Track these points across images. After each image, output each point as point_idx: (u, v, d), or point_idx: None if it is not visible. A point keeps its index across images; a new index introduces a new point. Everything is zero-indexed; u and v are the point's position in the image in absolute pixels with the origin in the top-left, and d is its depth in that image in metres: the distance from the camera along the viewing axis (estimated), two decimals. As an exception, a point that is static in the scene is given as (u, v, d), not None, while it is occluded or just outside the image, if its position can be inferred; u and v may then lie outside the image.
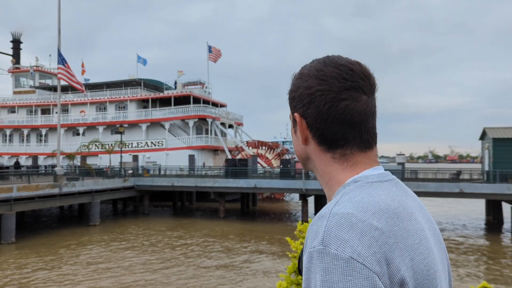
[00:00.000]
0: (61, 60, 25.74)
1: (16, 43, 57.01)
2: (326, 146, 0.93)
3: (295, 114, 0.96)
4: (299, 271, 0.92)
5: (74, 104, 46.74)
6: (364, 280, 0.74)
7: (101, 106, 46.20)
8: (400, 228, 0.83)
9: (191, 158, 39.57)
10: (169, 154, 40.86)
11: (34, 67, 50.82)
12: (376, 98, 0.95)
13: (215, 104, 47.34)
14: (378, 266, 0.76)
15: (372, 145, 0.95)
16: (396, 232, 0.82)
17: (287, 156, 40.39)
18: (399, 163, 41.66)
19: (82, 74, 49.25)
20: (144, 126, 42.72)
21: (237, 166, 30.99)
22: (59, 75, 26.45)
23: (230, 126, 48.00)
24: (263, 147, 42.51)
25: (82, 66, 49.84)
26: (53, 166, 30.46)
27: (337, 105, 0.90)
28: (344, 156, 0.92)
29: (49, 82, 52.80)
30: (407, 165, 43.62)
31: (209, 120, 42.25)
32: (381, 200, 0.84)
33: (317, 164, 0.96)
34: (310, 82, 0.93)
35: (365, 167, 0.92)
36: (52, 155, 40.45)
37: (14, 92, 52.08)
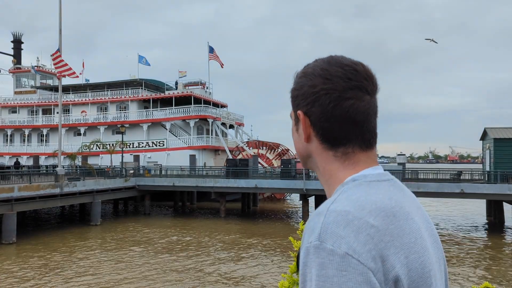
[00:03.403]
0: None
1: (17, 43, 57.01)
2: (329, 144, 0.94)
3: (299, 112, 0.96)
4: (297, 266, 0.93)
5: (75, 104, 46.78)
6: (359, 276, 0.76)
7: (102, 106, 46.23)
8: (396, 226, 0.84)
9: (192, 158, 39.55)
10: (170, 154, 40.88)
11: (36, 67, 50.86)
12: (377, 99, 0.97)
13: (215, 105, 47.34)
14: (373, 262, 0.78)
15: (373, 144, 0.96)
16: (392, 230, 0.83)
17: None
18: (399, 163, 41.67)
19: (81, 73, 49.29)
20: (145, 126, 42.75)
21: (238, 166, 31.00)
22: (58, 75, 26.51)
23: (231, 127, 48.03)
24: (264, 147, 42.53)
25: (83, 66, 49.94)
26: (54, 166, 30.49)
27: (341, 104, 0.91)
28: (345, 155, 0.94)
29: (50, 82, 52.83)
30: (408, 165, 43.59)
31: (210, 120, 42.27)
32: (378, 199, 0.86)
33: (319, 162, 0.97)
34: (315, 80, 0.94)
35: (365, 166, 0.94)
36: (53, 155, 40.46)
37: (15, 92, 52.10)
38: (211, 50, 45.89)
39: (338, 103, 0.91)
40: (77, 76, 27.64)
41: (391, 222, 0.84)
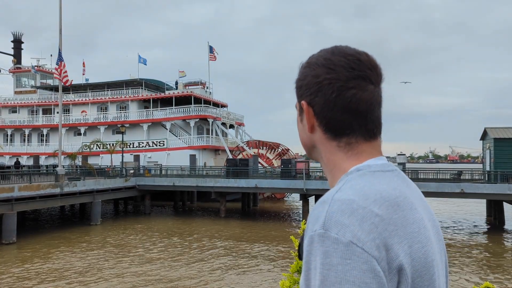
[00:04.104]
0: (60, 58, 25.82)
1: (17, 43, 57.02)
2: (332, 134, 0.94)
3: (302, 102, 0.96)
4: (299, 256, 0.93)
5: (75, 104, 46.78)
6: (363, 264, 0.76)
7: (102, 106, 46.24)
8: (400, 216, 0.84)
9: (192, 158, 39.57)
10: (170, 154, 40.88)
11: (36, 67, 50.87)
12: (382, 89, 0.96)
13: (216, 104, 47.34)
14: (377, 251, 0.78)
15: (377, 135, 0.95)
16: (396, 220, 0.83)
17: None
18: (399, 163, 41.72)
19: (83, 74, 49.37)
20: (145, 126, 42.76)
21: (238, 166, 31.02)
22: (55, 75, 26.61)
23: (231, 126, 48.03)
24: (264, 147, 42.55)
25: (83, 65, 49.97)
26: (55, 166, 30.50)
27: (344, 93, 0.90)
28: (349, 145, 0.94)
29: (50, 82, 52.80)
30: (408, 165, 43.61)
31: (210, 120, 42.27)
32: (382, 189, 0.86)
33: (322, 153, 0.98)
34: (318, 70, 0.93)
35: (369, 157, 0.94)
36: (53, 155, 40.48)
37: (15, 92, 52.10)
38: (211, 50, 45.97)
39: (341, 93, 0.90)
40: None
41: (395, 211, 0.84)
